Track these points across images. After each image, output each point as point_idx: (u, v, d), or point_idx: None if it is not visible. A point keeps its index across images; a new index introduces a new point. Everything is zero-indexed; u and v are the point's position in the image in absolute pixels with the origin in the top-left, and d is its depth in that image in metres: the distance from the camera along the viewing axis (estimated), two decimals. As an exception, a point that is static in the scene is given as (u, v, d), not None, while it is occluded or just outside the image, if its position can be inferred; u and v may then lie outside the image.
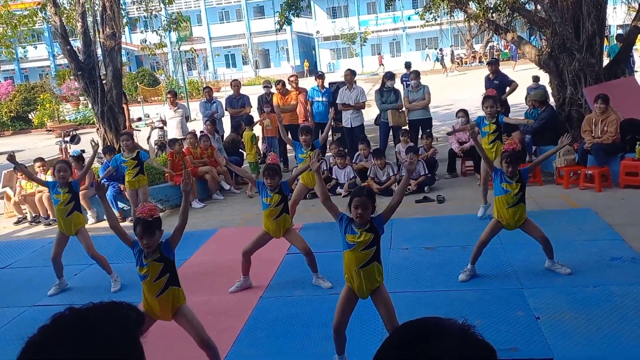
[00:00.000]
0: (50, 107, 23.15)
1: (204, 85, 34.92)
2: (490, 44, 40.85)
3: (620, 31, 23.16)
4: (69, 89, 32.79)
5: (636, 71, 9.82)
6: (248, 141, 9.59)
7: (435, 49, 45.27)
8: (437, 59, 39.21)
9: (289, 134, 10.92)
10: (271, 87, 12.44)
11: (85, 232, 5.86)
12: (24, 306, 5.74)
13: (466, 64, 38.95)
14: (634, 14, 9.32)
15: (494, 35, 10.52)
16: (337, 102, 10.46)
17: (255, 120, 11.37)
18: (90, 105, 27.59)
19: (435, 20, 10.73)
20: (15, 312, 5.60)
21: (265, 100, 11.83)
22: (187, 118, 11.58)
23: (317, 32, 49.43)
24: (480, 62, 40.12)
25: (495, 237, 6.32)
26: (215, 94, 13.45)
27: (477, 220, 7.02)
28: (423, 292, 5.22)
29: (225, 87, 29.49)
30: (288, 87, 11.55)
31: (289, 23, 10.90)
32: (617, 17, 13.93)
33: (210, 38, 49.73)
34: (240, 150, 11.15)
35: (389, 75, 10.26)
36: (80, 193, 7.92)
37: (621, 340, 4.05)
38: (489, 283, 5.25)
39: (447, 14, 10.77)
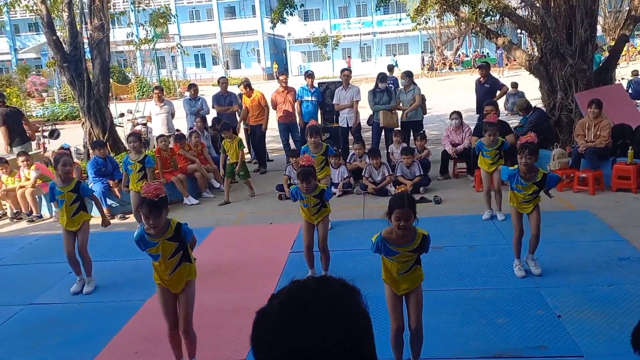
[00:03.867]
0: (17, 102, 22.30)
1: (176, 84, 34.41)
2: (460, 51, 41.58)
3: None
4: (34, 84, 31.85)
5: (622, 78, 10.05)
6: (235, 147, 8.83)
7: (395, 54, 45.71)
8: (396, 64, 39.53)
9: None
10: (250, 84, 12.30)
11: (86, 229, 5.59)
12: (20, 304, 5.45)
13: (436, 70, 39.47)
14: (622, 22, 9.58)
15: (486, 39, 10.60)
16: (333, 102, 10.40)
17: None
18: (56, 100, 26.66)
19: (426, 23, 10.79)
20: (12, 311, 5.31)
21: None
22: (172, 115, 11.31)
23: (289, 34, 49.30)
24: (450, 68, 40.79)
25: (501, 237, 6.44)
26: (186, 94, 13.13)
27: (479, 221, 7.06)
28: (438, 291, 5.17)
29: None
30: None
31: (283, 22, 10.78)
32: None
33: (180, 37, 48.95)
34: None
35: (382, 77, 10.26)
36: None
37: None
38: (503, 282, 5.25)
39: (437, 17, 10.83)
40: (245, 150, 9.92)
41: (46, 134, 10.88)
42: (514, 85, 15.54)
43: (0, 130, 9.74)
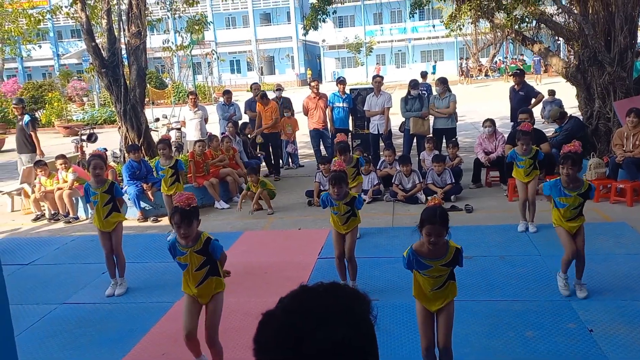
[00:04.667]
0: (58, 106, 23.00)
1: (211, 90, 34.91)
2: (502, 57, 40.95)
3: None
4: (75, 89, 32.77)
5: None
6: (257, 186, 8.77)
7: (436, 61, 45.56)
8: (434, 71, 39.46)
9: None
10: (283, 90, 12.45)
11: (120, 229, 5.73)
12: (53, 303, 5.61)
13: (472, 76, 38.98)
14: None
15: (522, 46, 10.44)
16: (364, 108, 10.41)
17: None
18: (95, 104, 27.38)
19: (460, 29, 10.69)
20: (46, 309, 5.47)
21: (285, 105, 11.85)
22: (206, 120, 11.49)
23: (323, 40, 49.52)
24: (486, 75, 40.24)
25: (534, 248, 6.31)
26: (220, 99, 13.28)
27: (511, 231, 6.93)
28: (467, 301, 5.09)
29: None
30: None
31: (316, 28, 10.86)
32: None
33: (216, 43, 49.75)
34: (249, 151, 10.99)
35: (413, 84, 10.21)
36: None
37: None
38: (534, 295, 5.14)
39: (472, 24, 10.72)
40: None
41: (84, 137, 11.17)
42: (551, 92, 15.21)
43: (33, 135, 10.06)
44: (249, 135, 11.07)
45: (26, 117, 10.09)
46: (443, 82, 10.12)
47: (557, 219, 4.97)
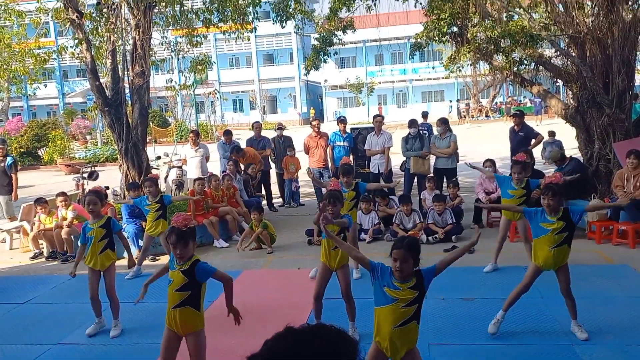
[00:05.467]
0: (61, 144, 23.17)
1: (214, 128, 35.20)
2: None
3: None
4: (78, 127, 33.13)
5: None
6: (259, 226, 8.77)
7: (451, 101, 46.15)
8: (450, 110, 40.08)
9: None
10: (284, 129, 12.56)
11: (113, 270, 5.69)
12: (48, 344, 5.50)
13: (472, 117, 39.36)
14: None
15: (521, 87, 10.57)
16: (365, 147, 10.47)
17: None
18: (98, 142, 27.60)
19: (460, 71, 10.83)
20: (40, 350, 5.36)
21: (287, 144, 11.94)
22: (207, 158, 11.54)
23: (325, 80, 50.30)
24: (486, 116, 40.63)
25: (536, 290, 6.20)
26: (222, 138, 13.37)
27: (513, 272, 6.84)
28: (466, 345, 5.01)
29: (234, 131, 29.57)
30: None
31: (317, 69, 11.06)
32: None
33: (219, 82, 50.51)
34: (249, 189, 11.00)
35: (410, 122, 10.33)
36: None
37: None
38: (536, 338, 5.04)
39: (471, 66, 10.88)
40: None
41: (85, 175, 11.21)
42: (552, 133, 15.32)
43: (14, 178, 10.07)
44: (252, 175, 11.13)
45: (9, 159, 10.13)
46: (444, 122, 10.22)
47: (535, 255, 5.04)
